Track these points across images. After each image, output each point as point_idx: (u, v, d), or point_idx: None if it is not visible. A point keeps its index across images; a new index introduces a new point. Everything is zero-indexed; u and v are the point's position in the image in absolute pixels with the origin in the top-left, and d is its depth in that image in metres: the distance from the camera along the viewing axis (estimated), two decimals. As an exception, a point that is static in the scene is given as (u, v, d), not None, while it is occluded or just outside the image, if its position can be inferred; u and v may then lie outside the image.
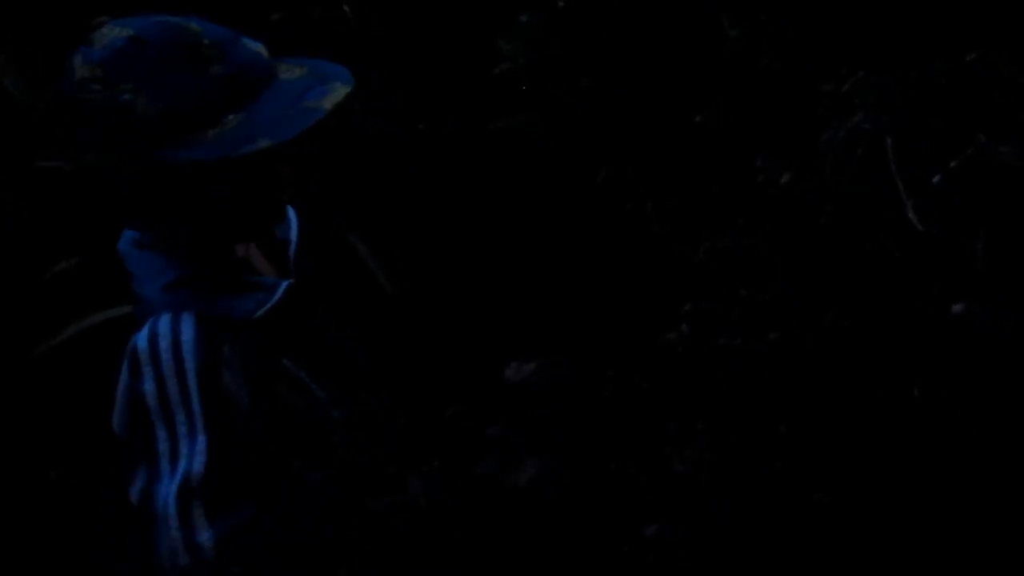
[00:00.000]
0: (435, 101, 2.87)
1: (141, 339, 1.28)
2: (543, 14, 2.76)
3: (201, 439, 1.26)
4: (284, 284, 1.37)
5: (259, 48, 1.32)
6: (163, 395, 1.27)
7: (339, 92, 1.30)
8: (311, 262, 1.51)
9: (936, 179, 1.71)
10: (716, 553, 2.02)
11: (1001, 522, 1.90)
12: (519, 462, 2.27)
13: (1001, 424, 1.90)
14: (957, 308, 1.74)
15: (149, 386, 1.27)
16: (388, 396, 1.61)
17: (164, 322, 1.29)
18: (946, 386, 1.91)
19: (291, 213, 1.47)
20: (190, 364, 1.27)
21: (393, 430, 1.59)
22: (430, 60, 2.85)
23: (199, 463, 1.25)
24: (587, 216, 2.70)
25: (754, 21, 2.52)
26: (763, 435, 2.05)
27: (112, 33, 1.26)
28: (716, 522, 2.00)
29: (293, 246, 1.49)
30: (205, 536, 1.24)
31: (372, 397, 1.56)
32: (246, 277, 1.39)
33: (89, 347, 2.37)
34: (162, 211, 1.31)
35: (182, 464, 1.25)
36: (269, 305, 1.35)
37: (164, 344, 1.27)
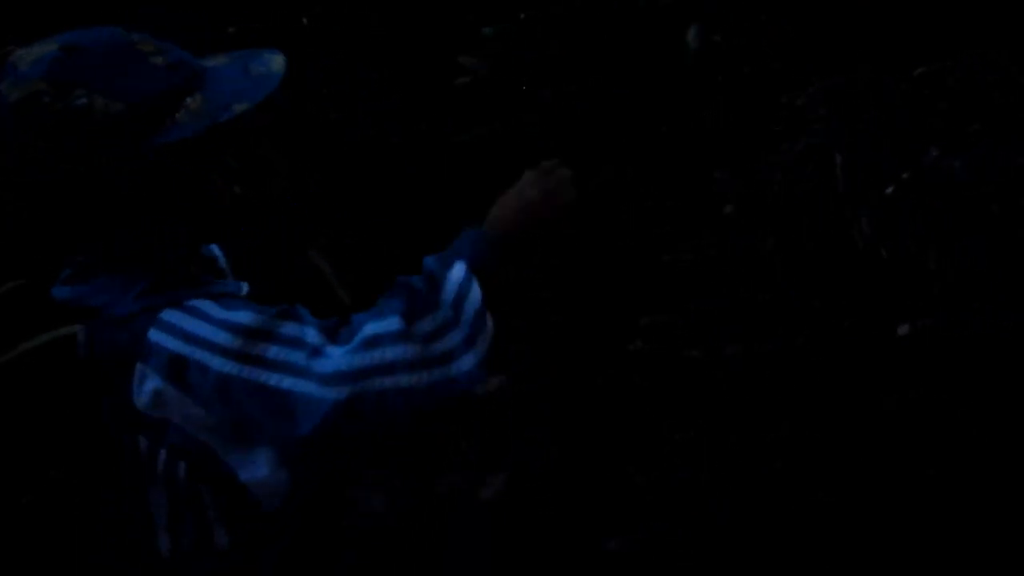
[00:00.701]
0: (399, 115, 2.87)
1: (163, 341, 1.24)
2: (505, 27, 2.76)
3: (300, 330, 1.22)
4: (245, 285, 1.37)
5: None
6: (235, 354, 1.22)
7: (276, 59, 1.32)
8: (266, 273, 1.51)
9: (889, 191, 1.72)
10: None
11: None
12: (484, 476, 2.27)
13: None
14: (902, 329, 1.75)
15: (217, 363, 1.22)
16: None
17: (169, 315, 1.26)
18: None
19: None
20: (224, 315, 1.24)
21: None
22: (391, 74, 2.85)
23: (312, 335, 1.21)
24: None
25: (715, 36, 2.53)
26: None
27: (35, 52, 1.26)
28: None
29: (221, 260, 1.48)
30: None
31: None
32: (208, 278, 1.37)
33: (37, 367, 2.35)
34: (147, 208, 1.29)
35: (308, 344, 1.21)
36: (246, 290, 1.35)
37: (188, 324, 1.24)
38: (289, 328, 1.23)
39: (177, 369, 1.24)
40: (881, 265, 1.82)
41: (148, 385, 1.26)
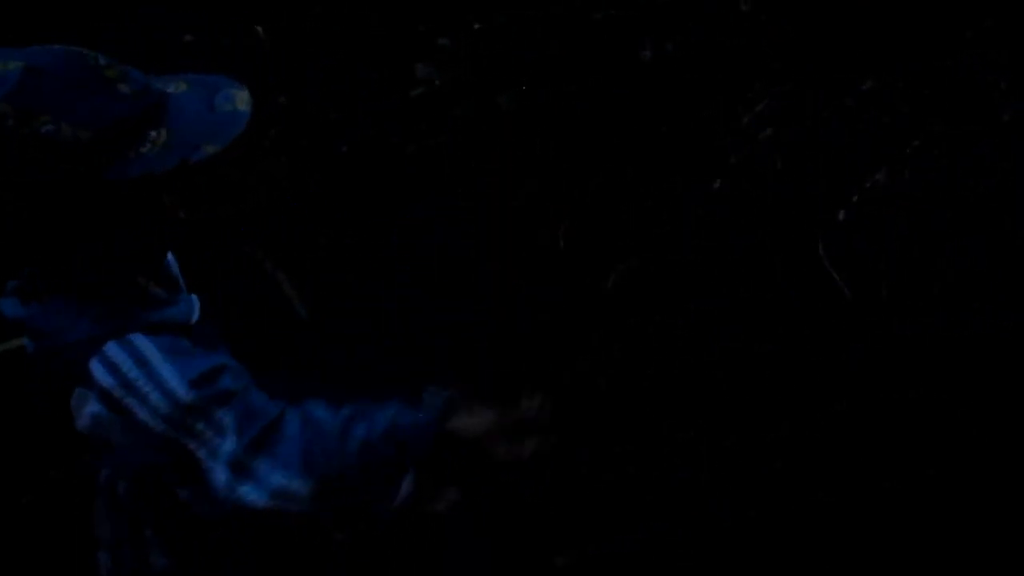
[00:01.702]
0: (353, 124, 2.86)
1: (102, 378, 1.24)
2: (460, 37, 2.75)
3: (228, 418, 1.23)
4: (195, 298, 1.37)
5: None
6: (166, 414, 1.23)
7: (241, 94, 1.31)
8: (220, 285, 1.50)
9: (841, 216, 1.73)
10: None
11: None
12: (438, 490, 2.26)
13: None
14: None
15: (144, 414, 1.23)
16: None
17: (113, 351, 1.25)
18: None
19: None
20: (169, 374, 1.24)
21: None
22: (346, 83, 2.84)
23: (247, 432, 1.23)
24: (504, 238, 2.69)
25: (667, 44, 2.54)
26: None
27: None
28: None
29: (174, 266, 1.47)
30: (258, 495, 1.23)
31: None
32: (158, 294, 1.36)
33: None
34: (101, 231, 1.28)
35: (226, 447, 1.22)
36: (197, 309, 1.35)
37: (127, 367, 1.24)
38: (221, 416, 1.24)
39: (112, 402, 1.25)
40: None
41: (88, 408, 1.27)
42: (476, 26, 2.66)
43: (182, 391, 1.23)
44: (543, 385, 1.33)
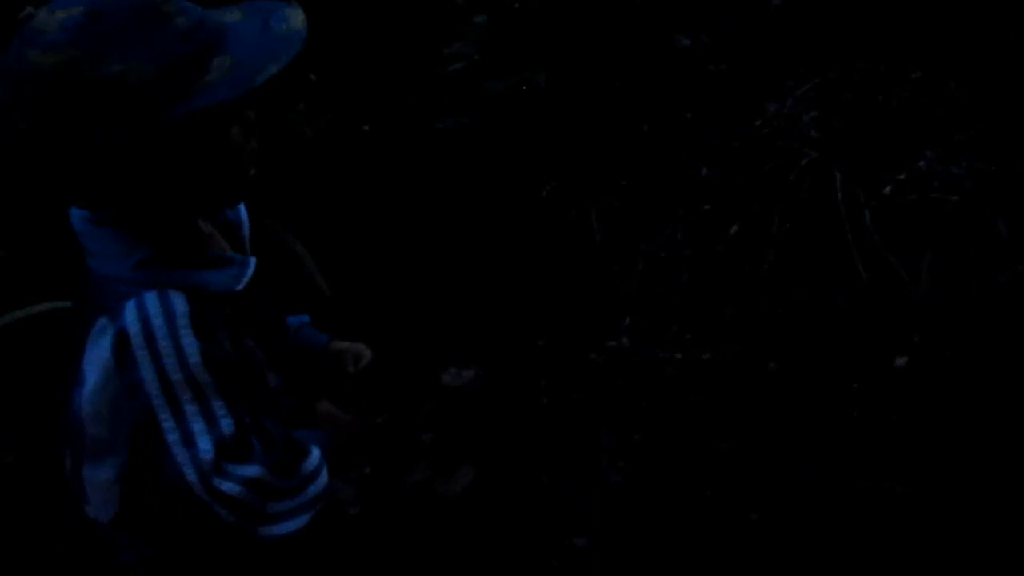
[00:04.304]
0: (381, 102, 2.83)
1: (130, 322, 1.21)
2: (498, 14, 2.73)
3: (218, 405, 1.22)
4: (253, 260, 1.34)
5: None
6: (164, 379, 1.21)
7: (294, 12, 1.30)
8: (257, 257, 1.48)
9: (887, 191, 1.69)
10: (648, 566, 2.00)
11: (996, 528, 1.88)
12: (452, 470, 2.24)
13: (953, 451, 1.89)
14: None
15: (148, 373, 1.20)
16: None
17: (151, 301, 1.22)
18: (889, 409, 1.89)
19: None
20: (189, 341, 1.22)
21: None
22: (376, 61, 2.81)
23: (227, 426, 1.22)
24: (531, 222, 2.67)
25: (704, 32, 2.51)
26: (702, 451, 2.02)
27: (58, 16, 1.21)
28: (647, 535, 1.98)
29: (245, 226, 1.45)
30: (233, 489, 1.22)
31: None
32: (215, 252, 1.34)
33: (15, 343, 2.31)
34: (149, 181, 1.24)
35: (200, 443, 1.21)
36: (246, 278, 1.31)
37: (158, 323, 1.22)
38: (215, 406, 1.23)
39: (123, 349, 1.22)
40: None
41: (96, 352, 1.23)
42: (516, 5, 2.63)
43: (195, 359, 1.22)
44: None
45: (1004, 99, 1.82)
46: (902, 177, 1.70)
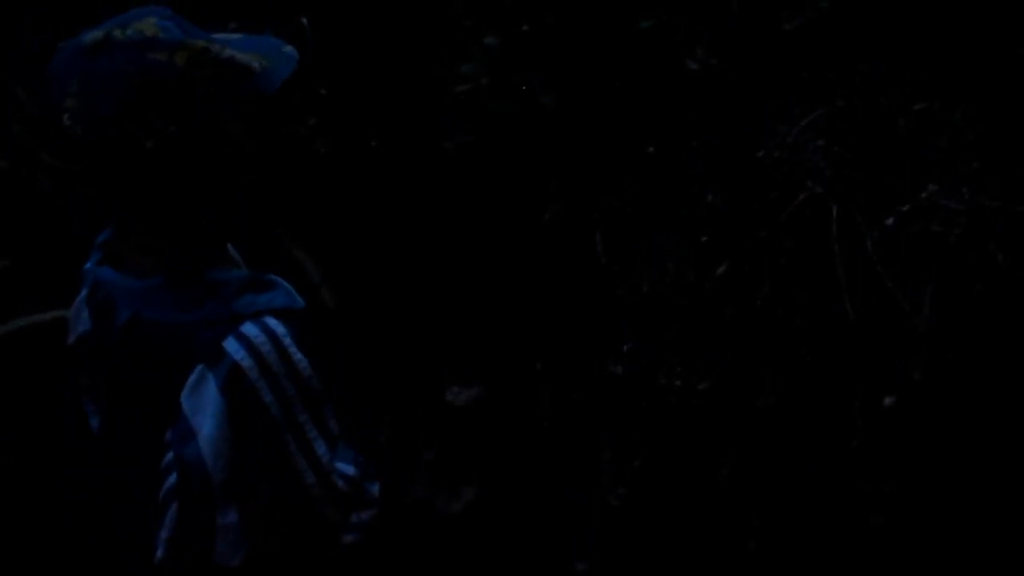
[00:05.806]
0: (389, 119, 2.85)
1: (240, 357, 1.22)
2: (507, 37, 2.74)
3: (328, 409, 1.26)
4: (300, 301, 1.36)
5: None
6: (283, 399, 1.23)
7: (284, 44, 1.35)
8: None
9: (890, 222, 1.70)
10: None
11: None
12: (455, 488, 2.24)
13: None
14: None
15: (268, 396, 1.22)
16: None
17: (253, 331, 1.24)
18: (886, 441, 1.90)
19: None
20: (299, 357, 1.24)
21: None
22: (385, 78, 2.83)
23: (334, 427, 1.26)
24: (534, 243, 2.68)
25: (713, 57, 2.52)
26: (702, 478, 2.03)
27: (148, 22, 1.24)
28: (647, 560, 1.98)
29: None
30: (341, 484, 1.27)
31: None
32: (264, 276, 1.35)
33: (15, 352, 2.32)
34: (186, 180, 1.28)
35: (317, 447, 1.24)
36: (298, 296, 1.34)
37: (267, 349, 1.23)
38: (327, 411, 1.27)
39: (241, 384, 1.23)
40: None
41: (206, 395, 1.23)
42: (524, 28, 2.65)
43: (307, 372, 1.25)
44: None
45: (1009, 132, 1.83)
46: (905, 208, 1.72)
